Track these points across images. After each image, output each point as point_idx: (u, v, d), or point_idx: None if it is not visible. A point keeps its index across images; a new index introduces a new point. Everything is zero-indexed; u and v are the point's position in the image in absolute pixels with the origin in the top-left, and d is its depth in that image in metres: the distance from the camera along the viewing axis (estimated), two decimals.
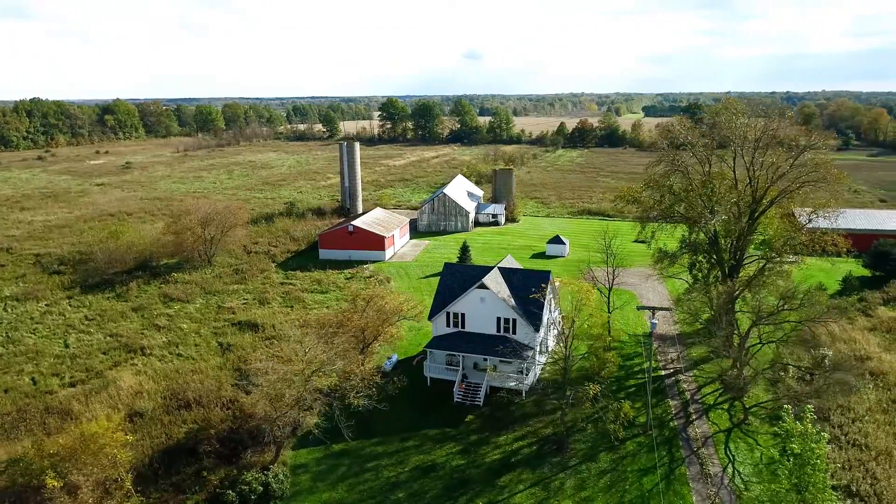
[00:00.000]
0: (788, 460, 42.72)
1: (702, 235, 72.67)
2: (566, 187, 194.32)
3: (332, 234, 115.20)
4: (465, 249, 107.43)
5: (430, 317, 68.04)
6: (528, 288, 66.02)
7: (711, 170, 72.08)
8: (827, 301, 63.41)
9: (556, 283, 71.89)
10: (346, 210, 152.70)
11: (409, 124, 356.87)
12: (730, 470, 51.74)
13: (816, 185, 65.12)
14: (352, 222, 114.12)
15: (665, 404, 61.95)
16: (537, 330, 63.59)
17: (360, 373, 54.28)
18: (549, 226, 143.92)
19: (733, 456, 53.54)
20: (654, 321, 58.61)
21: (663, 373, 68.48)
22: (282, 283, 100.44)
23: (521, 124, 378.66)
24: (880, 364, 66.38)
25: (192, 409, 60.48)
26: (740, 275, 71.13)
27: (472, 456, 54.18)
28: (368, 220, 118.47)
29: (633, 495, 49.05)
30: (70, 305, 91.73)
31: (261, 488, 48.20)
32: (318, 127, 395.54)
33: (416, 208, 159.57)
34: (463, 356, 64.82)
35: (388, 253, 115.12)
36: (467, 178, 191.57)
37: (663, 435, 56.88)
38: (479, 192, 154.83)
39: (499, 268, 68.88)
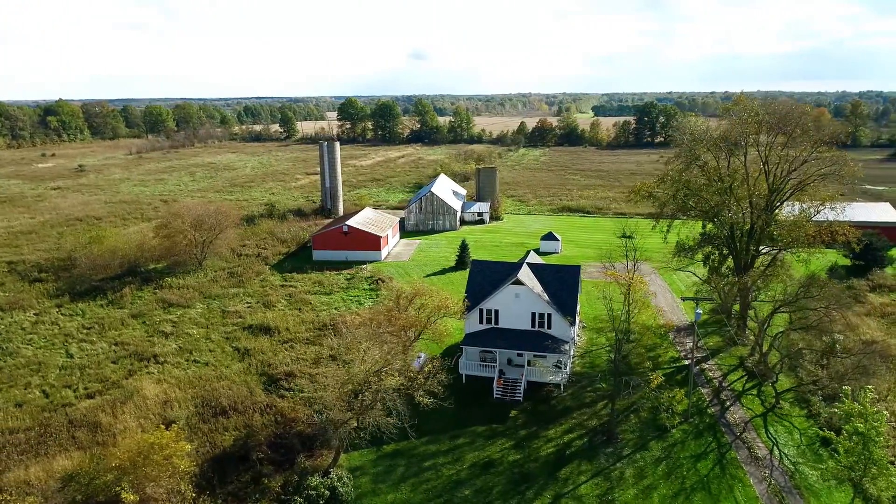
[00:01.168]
0: (849, 439, 44.72)
1: (718, 229, 74.98)
2: (539, 185, 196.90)
3: (325, 234, 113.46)
4: (463, 248, 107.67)
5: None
6: (559, 283, 66.93)
7: (729, 164, 74.30)
8: (843, 289, 66.55)
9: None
10: (327, 211, 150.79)
11: (369, 124, 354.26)
12: (776, 452, 53.75)
13: (831, 177, 68.24)
14: (346, 222, 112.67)
15: (697, 392, 63.77)
16: (573, 324, 64.51)
17: (428, 370, 53.76)
18: (534, 223, 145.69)
19: (775, 438, 55.65)
20: (698, 311, 60.22)
21: (686, 362, 70.47)
22: (282, 286, 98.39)
23: (479, 124, 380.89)
24: (887, 347, 70.03)
25: (229, 416, 58.65)
26: (755, 266, 73.85)
27: (527, 450, 54.54)
28: (362, 220, 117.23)
29: (692, 481, 50.41)
30: (62, 314, 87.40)
31: (328, 493, 47.25)
32: (275, 128, 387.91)
33: (396, 208, 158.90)
34: (498, 352, 65.05)
35: (384, 253, 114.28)
36: (436, 175, 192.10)
37: (704, 422, 58.62)
38: (462, 190, 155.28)
39: (528, 263, 69.43)
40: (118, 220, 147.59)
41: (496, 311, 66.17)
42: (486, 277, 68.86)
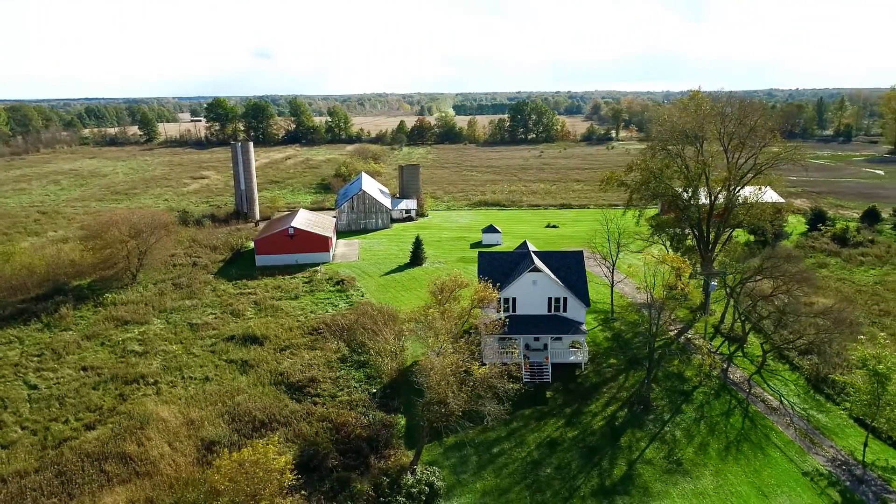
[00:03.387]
0: (867, 380, 52.58)
1: (685, 212, 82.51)
2: (443, 182, 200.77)
3: (269, 238, 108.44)
4: (417, 244, 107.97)
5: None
6: (567, 268, 70.56)
7: (701, 153, 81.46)
8: (805, 259, 76.55)
9: None
10: (243, 215, 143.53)
11: (241, 125, 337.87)
12: (785, 402, 61.31)
13: (785, 162, 78.03)
14: (291, 224, 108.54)
15: (695, 359, 70.36)
16: (588, 305, 68.41)
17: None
18: (460, 218, 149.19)
19: (779, 391, 63.36)
20: (713, 283, 66.42)
21: (672, 334, 77.23)
22: (240, 294, 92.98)
23: (356, 123, 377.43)
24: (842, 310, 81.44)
25: (274, 428, 55.50)
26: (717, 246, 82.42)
27: (580, 426, 57.46)
28: (304, 222, 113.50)
29: (732, 435, 56.23)
30: None
31: (427, 489, 46.95)
32: (134, 130, 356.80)
33: (313, 209, 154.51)
34: (522, 338, 67.26)
35: (331, 254, 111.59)
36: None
37: (715, 384, 65.09)
38: (385, 188, 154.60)
39: (534, 252, 72.28)
40: (0, 236, 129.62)
41: (514, 299, 68.28)
42: (496, 268, 70.72)
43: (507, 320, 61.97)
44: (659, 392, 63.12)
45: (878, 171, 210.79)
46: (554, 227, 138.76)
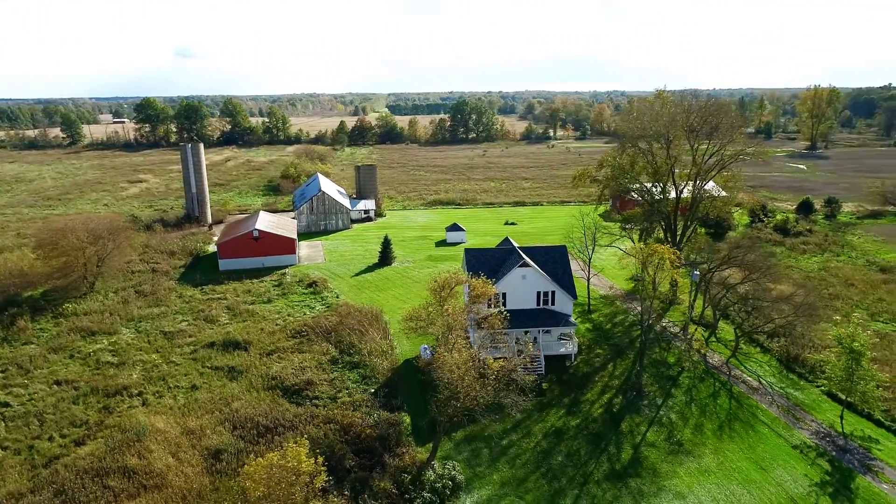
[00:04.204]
0: (842, 358, 56.84)
1: (655, 206, 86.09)
2: (394, 182, 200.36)
3: (233, 242, 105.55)
4: (386, 244, 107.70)
5: None
6: (552, 262, 72.37)
7: (669, 151, 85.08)
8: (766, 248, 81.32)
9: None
10: (195, 218, 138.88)
11: (172, 127, 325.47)
12: (764, 382, 65.22)
13: (748, 158, 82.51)
14: (255, 227, 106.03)
15: (673, 346, 73.76)
16: (575, 297, 70.46)
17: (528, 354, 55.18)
18: (418, 217, 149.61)
19: (757, 373, 67.32)
20: (695, 273, 69.61)
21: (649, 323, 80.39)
22: (209, 299, 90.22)
23: (295, 124, 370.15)
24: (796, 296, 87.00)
25: (280, 433, 54.48)
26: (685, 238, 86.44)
27: (581, 415, 59.28)
28: (268, 224, 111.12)
29: (722, 415, 59.43)
30: None
31: (450, 483, 47.43)
32: (56, 132, 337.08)
33: (266, 212, 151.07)
34: (515, 332, 68.47)
35: (297, 256, 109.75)
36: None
37: (696, 369, 68.42)
38: (342, 189, 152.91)
39: (519, 247, 73.73)
40: None
41: (504, 294, 69.48)
42: (483, 264, 71.62)
43: (508, 314, 63.02)
44: (648, 378, 65.76)
45: (800, 166, 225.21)
46: (513, 224, 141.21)
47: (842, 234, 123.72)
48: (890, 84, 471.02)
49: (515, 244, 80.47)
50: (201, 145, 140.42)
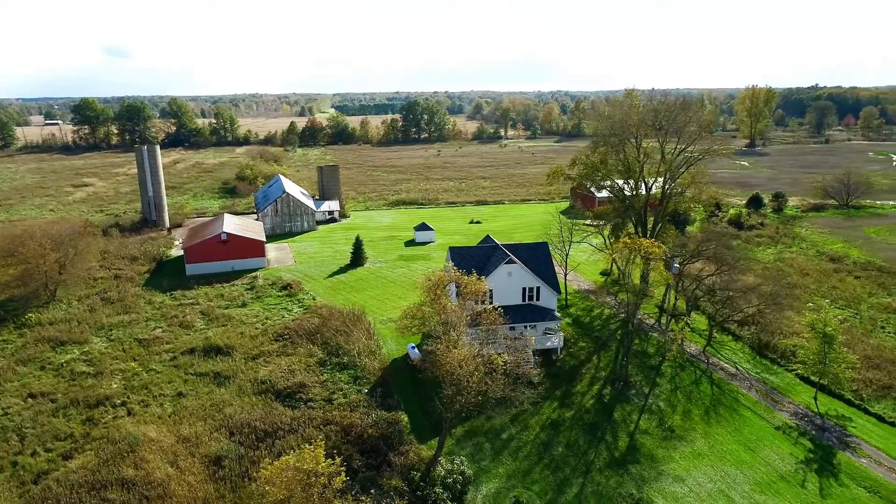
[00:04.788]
0: (816, 341, 60.28)
1: (626, 202, 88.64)
2: (352, 183, 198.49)
3: (200, 246, 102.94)
4: (358, 245, 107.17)
5: None
6: (535, 259, 73.74)
7: (639, 150, 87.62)
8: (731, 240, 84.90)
9: None
10: (152, 222, 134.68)
11: (114, 128, 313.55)
12: (741, 368, 68.35)
13: (712, 154, 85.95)
14: (223, 230, 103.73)
15: (651, 337, 76.34)
16: (559, 293, 72.03)
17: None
18: (383, 217, 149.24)
19: (733, 360, 70.46)
20: (676, 266, 72.10)
21: (623, 315, 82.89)
22: (179, 305, 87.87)
23: (242, 125, 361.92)
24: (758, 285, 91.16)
25: (280, 437, 53.83)
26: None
27: (574, 406, 60.82)
28: (235, 227, 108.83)
29: (707, 401, 62.06)
30: None
31: (461, 478, 47.97)
32: None
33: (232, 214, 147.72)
34: (502, 328, 69.38)
35: (267, 259, 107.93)
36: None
37: (676, 359, 71.05)
38: (305, 191, 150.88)
39: (503, 245, 74.81)
40: None
41: (490, 291, 70.38)
42: (468, 262, 72.21)
43: (503, 309, 63.84)
44: (632, 369, 67.91)
45: (743, 163, 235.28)
46: (477, 223, 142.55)
47: (790, 226, 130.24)
48: (817, 84, 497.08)
49: (497, 242, 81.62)
50: (157, 147, 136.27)
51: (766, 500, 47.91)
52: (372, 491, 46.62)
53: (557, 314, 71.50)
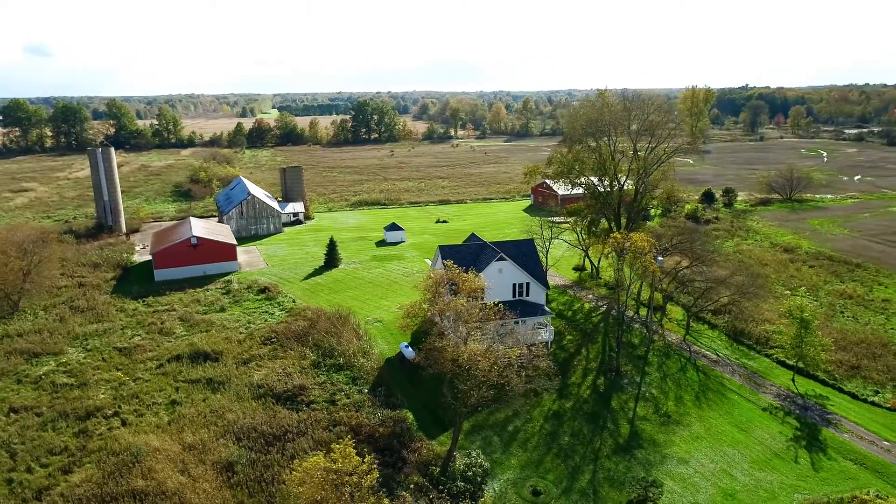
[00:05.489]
0: (794, 325, 64.15)
1: (601, 199, 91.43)
2: (309, 184, 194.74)
3: (170, 250, 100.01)
4: (332, 246, 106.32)
5: None
6: (522, 255, 75.39)
7: (613, 148, 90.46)
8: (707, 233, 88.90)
9: None
10: (108, 228, 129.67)
11: (48, 131, 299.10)
12: (721, 355, 71.85)
13: (683, 150, 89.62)
14: (192, 234, 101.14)
15: (634, 329, 79.15)
16: (547, 288, 73.83)
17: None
18: (348, 219, 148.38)
19: (713, 347, 73.94)
20: (659, 258, 74.81)
21: (603, 309, 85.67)
22: (154, 312, 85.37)
23: (186, 126, 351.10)
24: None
25: (294, 440, 53.44)
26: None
27: (573, 397, 62.66)
28: (203, 231, 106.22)
29: (696, 387, 65.04)
30: None
31: (480, 469, 48.91)
32: None
33: (182, 218, 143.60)
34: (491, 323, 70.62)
35: (238, 262, 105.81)
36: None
37: (660, 348, 73.98)
38: (266, 192, 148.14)
39: (491, 243, 76.05)
40: None
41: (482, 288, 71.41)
42: (458, 260, 72.63)
43: (504, 306, 65.00)
44: (621, 360, 70.33)
45: (688, 160, 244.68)
46: (444, 222, 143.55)
47: (743, 220, 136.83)
48: (747, 85, 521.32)
49: (482, 239, 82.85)
50: (112, 149, 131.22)
51: (766, 476, 50.83)
52: (396, 489, 46.93)
53: (547, 309, 73.27)
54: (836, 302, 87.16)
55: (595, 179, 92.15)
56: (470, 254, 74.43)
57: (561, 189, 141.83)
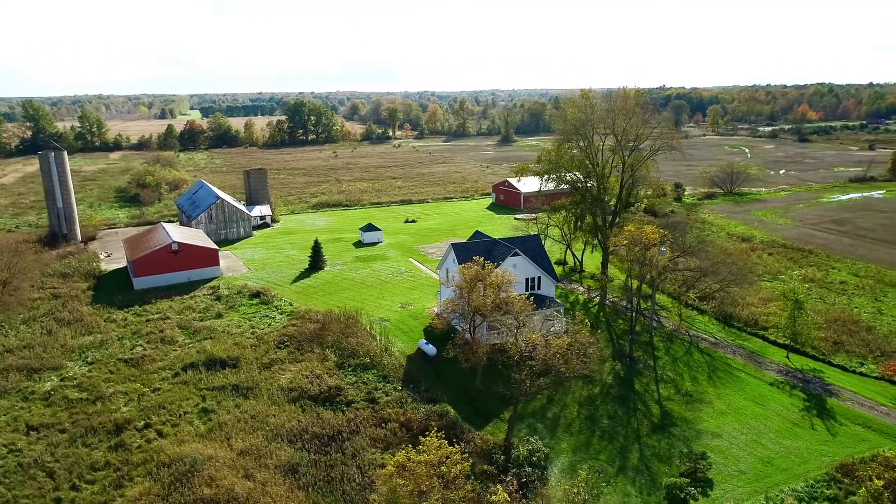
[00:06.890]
0: (788, 305, 70.01)
1: (585, 196, 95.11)
2: None
3: (150, 257, 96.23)
4: (317, 249, 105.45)
5: None
6: (530, 251, 78.02)
7: (603, 145, 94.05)
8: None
9: None
10: (63, 236, 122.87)
11: None
12: (718, 337, 77.12)
13: (667, 148, 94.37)
14: (173, 240, 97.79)
15: (631, 318, 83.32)
16: (557, 280, 76.76)
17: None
18: (316, 220, 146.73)
19: (709, 331, 79.18)
20: (662, 250, 79.02)
21: (597, 300, 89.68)
22: (148, 321, 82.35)
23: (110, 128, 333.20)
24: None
25: (350, 439, 53.70)
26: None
27: (598, 383, 65.77)
28: (181, 236, 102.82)
29: (705, 368, 69.67)
30: None
31: (543, 454, 51.07)
32: None
33: (137, 225, 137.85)
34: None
35: (220, 267, 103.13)
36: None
37: (662, 334, 78.48)
38: (231, 195, 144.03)
39: (500, 240, 78.21)
40: None
41: None
42: (472, 256, 75.02)
43: (532, 298, 67.17)
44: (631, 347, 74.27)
45: None
46: (413, 221, 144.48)
47: (695, 213, 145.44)
48: (664, 85, 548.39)
49: (486, 236, 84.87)
50: (65, 153, 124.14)
51: (792, 443, 55.61)
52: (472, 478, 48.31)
53: (558, 300, 76.21)
54: (800, 286, 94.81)
55: (583, 176, 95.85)
56: (482, 250, 76.23)
57: (524, 187, 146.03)
